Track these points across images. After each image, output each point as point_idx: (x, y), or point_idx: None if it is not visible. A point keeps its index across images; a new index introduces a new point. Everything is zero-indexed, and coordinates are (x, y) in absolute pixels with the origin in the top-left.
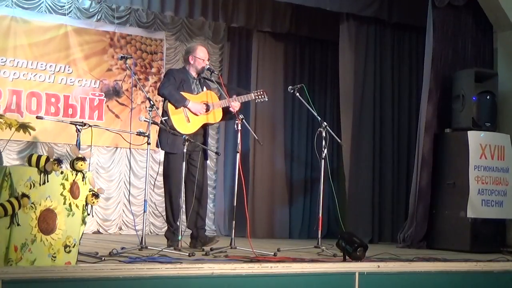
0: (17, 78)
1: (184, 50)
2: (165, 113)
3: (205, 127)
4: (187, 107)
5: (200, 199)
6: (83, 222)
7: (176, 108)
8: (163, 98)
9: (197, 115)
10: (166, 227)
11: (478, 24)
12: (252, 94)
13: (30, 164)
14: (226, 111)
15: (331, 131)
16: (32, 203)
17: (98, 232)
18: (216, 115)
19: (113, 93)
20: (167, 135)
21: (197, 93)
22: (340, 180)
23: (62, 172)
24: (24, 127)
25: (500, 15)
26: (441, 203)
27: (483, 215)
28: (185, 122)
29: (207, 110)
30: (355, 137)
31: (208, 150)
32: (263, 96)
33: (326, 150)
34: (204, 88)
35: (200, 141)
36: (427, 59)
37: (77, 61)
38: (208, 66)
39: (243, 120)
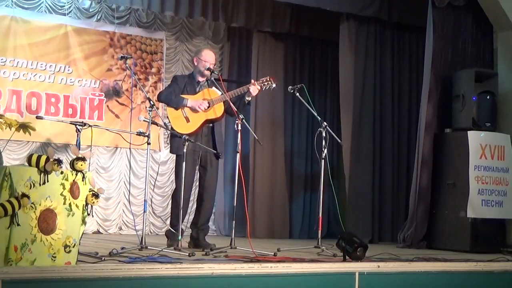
0: (17, 78)
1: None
2: (167, 117)
3: (211, 128)
4: (187, 106)
5: (205, 200)
6: (83, 222)
7: (176, 109)
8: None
9: (197, 111)
10: (167, 226)
11: (478, 24)
12: (256, 82)
13: (30, 164)
14: (227, 107)
15: (331, 131)
16: (32, 203)
17: (98, 232)
18: (216, 111)
19: (113, 93)
20: (175, 138)
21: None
22: (340, 180)
23: (62, 172)
24: (24, 127)
25: (500, 15)
26: (441, 203)
27: (483, 215)
28: (184, 123)
29: (209, 105)
30: (355, 137)
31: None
32: (270, 83)
33: (326, 150)
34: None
35: (206, 142)
36: (427, 59)
37: (77, 61)
38: (208, 66)
39: (243, 120)
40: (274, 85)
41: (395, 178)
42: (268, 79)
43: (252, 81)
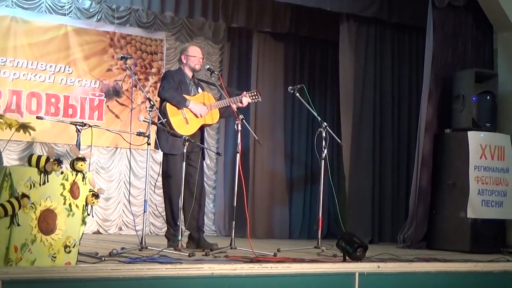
0: (17, 78)
1: (179, 52)
2: (163, 114)
3: (202, 128)
4: (188, 108)
5: (200, 199)
6: (83, 222)
7: (178, 109)
8: (161, 100)
9: (197, 116)
10: (166, 228)
11: (478, 24)
12: (247, 94)
13: (30, 164)
14: (223, 110)
15: (331, 131)
16: (32, 203)
17: (98, 232)
18: (213, 116)
19: (113, 93)
20: (166, 136)
21: (193, 95)
22: (340, 180)
23: (62, 172)
24: (24, 127)
25: (500, 16)
26: (441, 203)
27: (483, 215)
28: (184, 124)
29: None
30: (355, 137)
31: (209, 151)
32: (257, 97)
33: (326, 150)
34: (199, 89)
35: (198, 141)
36: (427, 59)
37: (77, 61)
38: (208, 66)
39: (243, 120)
40: (260, 99)
41: (395, 178)
42: (255, 93)
43: (244, 92)
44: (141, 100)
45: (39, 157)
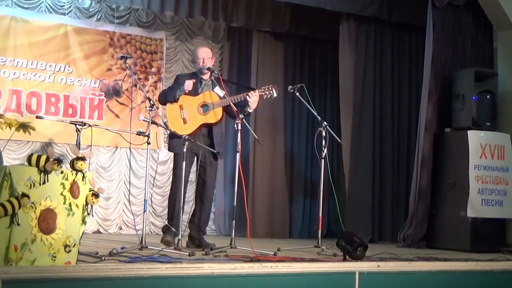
0: (17, 78)
1: None
2: (165, 115)
3: (209, 128)
4: (184, 89)
5: (204, 200)
6: (83, 221)
7: (175, 101)
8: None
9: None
10: (165, 222)
11: (478, 24)
12: (257, 91)
13: (30, 164)
14: (227, 110)
15: (331, 131)
16: (32, 202)
17: (98, 231)
18: (216, 115)
19: (113, 92)
20: (171, 136)
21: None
22: (340, 180)
23: (62, 172)
24: (24, 127)
25: (500, 15)
26: (441, 202)
27: (483, 214)
28: (181, 123)
29: (208, 109)
30: (355, 137)
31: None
32: (271, 91)
33: (326, 150)
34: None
35: (204, 142)
36: (427, 59)
37: (77, 61)
38: (207, 66)
39: (243, 120)
40: (275, 95)
41: (395, 178)
42: (269, 88)
43: (260, 88)
44: (141, 99)
45: (39, 157)
